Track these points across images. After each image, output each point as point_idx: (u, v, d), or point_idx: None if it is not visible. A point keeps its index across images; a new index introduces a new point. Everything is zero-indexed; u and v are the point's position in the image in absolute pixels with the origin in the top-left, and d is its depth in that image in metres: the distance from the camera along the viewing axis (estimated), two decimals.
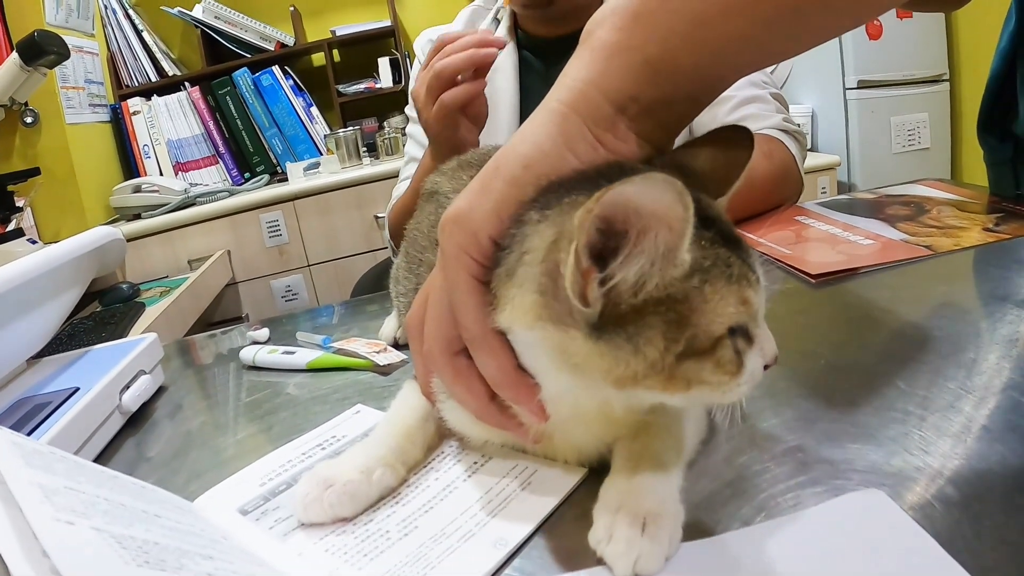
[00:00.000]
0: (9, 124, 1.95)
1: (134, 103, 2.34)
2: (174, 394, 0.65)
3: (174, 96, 2.38)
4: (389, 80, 2.48)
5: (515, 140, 0.36)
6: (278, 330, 0.75)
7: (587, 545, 0.32)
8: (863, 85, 2.22)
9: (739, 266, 0.31)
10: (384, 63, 2.48)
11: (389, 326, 0.65)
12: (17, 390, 0.59)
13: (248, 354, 0.66)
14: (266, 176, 2.41)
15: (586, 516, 0.33)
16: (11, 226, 1.71)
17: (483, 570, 0.32)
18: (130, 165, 2.37)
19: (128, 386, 0.58)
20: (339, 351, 0.62)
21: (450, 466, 0.41)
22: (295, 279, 2.20)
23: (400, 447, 0.40)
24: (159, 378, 0.65)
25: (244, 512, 0.40)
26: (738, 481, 0.36)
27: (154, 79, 2.40)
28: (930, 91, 2.27)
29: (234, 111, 2.39)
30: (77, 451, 0.50)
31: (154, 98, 2.36)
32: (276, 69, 2.38)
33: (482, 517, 0.36)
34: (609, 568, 0.30)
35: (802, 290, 0.61)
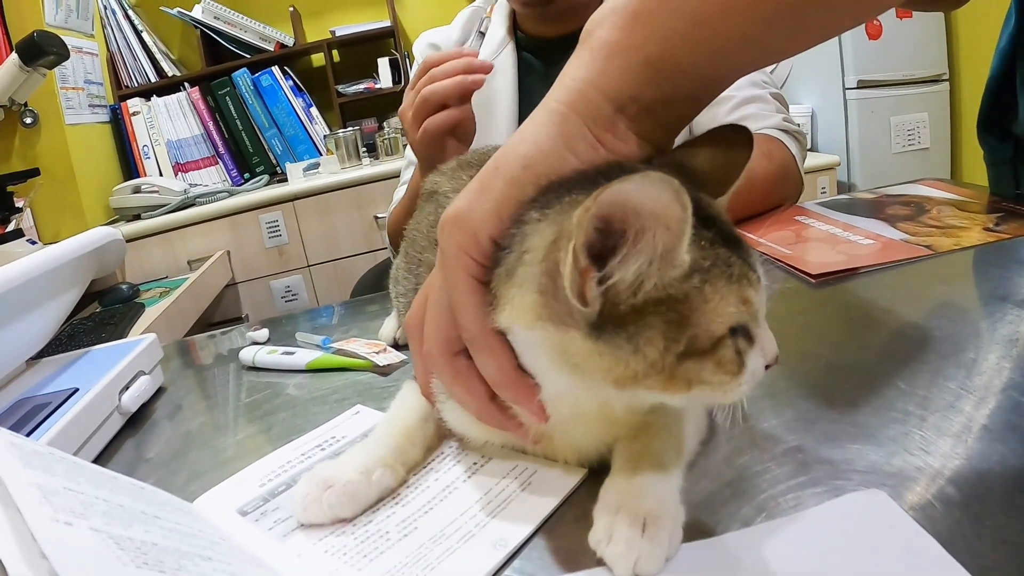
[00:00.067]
0: (8, 125, 1.95)
1: (134, 104, 2.34)
2: (173, 395, 0.65)
3: (174, 97, 2.38)
4: (389, 80, 2.49)
5: (514, 140, 0.36)
6: (278, 331, 0.75)
7: (587, 546, 0.32)
8: (863, 85, 2.22)
9: (740, 265, 0.31)
10: (384, 63, 2.48)
11: (389, 326, 0.65)
12: (16, 391, 0.59)
13: (248, 355, 0.66)
14: (266, 176, 2.41)
15: (586, 517, 0.33)
16: (11, 227, 1.71)
17: (483, 571, 0.32)
18: (130, 166, 2.37)
19: (127, 387, 0.58)
20: (339, 352, 0.62)
21: (450, 467, 0.41)
22: (295, 279, 2.19)
23: (400, 448, 0.40)
24: (159, 379, 0.65)
25: (243, 513, 0.39)
26: (738, 481, 0.35)
27: (154, 80, 2.40)
28: (930, 91, 2.27)
29: (234, 111, 2.39)
30: (76, 452, 0.50)
31: (154, 99, 2.37)
32: (276, 69, 2.38)
33: (482, 518, 0.36)
34: (609, 569, 0.30)
35: (802, 290, 0.61)
